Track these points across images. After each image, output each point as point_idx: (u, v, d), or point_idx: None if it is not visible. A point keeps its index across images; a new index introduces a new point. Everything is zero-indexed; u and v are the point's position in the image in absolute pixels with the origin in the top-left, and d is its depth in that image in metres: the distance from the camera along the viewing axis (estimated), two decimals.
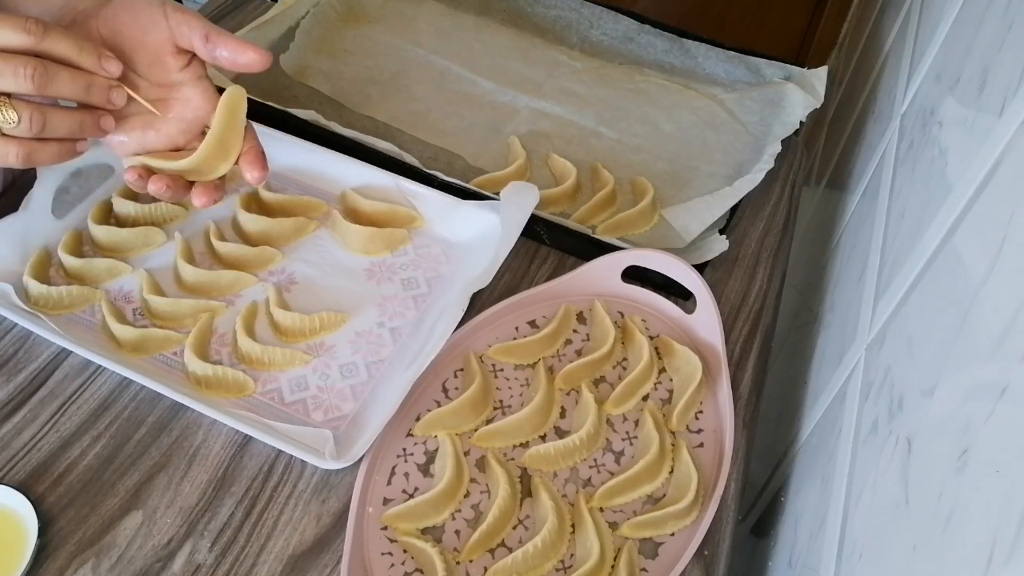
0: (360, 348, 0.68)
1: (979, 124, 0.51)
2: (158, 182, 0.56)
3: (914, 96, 0.72)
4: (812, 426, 0.69)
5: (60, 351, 0.66)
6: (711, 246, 0.76)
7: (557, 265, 0.78)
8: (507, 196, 0.72)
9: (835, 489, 0.56)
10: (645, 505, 0.62)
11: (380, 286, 0.73)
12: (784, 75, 0.93)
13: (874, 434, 0.52)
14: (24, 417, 0.63)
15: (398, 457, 0.63)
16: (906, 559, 0.41)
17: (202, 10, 1.00)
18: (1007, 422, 0.35)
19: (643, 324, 0.72)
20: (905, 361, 0.51)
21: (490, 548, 0.59)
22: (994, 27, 0.55)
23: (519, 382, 0.68)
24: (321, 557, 0.58)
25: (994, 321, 0.39)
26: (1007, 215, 0.41)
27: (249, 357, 0.66)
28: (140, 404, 0.64)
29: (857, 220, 0.79)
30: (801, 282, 0.95)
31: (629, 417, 0.66)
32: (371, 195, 0.77)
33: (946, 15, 0.69)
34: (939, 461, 0.40)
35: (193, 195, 0.58)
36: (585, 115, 0.91)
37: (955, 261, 0.47)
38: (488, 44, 0.98)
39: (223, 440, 0.63)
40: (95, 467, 0.61)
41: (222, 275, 0.71)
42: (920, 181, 0.60)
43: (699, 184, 0.84)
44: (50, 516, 0.58)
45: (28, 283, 0.67)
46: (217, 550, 0.57)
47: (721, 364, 0.68)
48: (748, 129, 0.90)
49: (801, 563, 0.59)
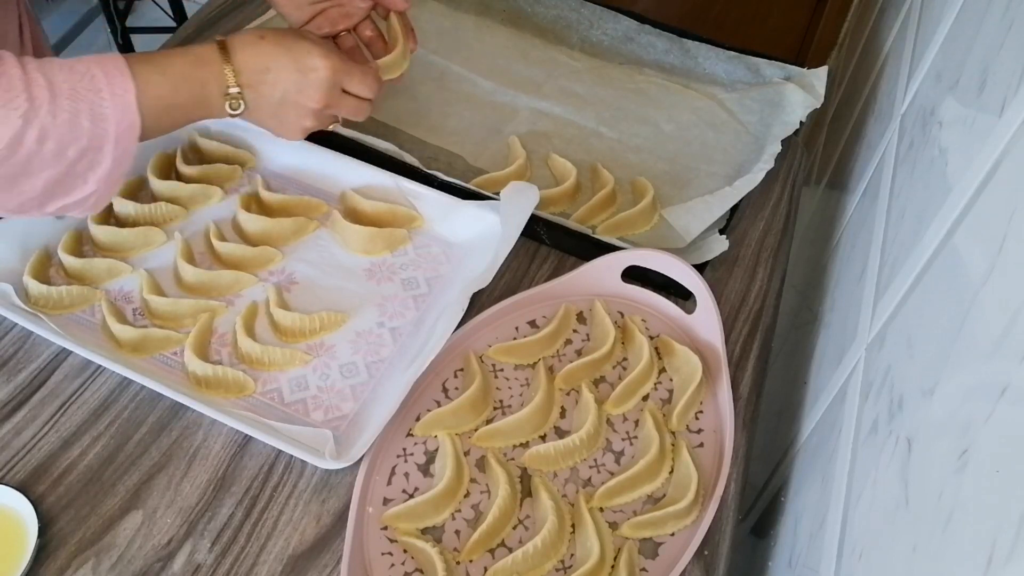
0: (360, 348, 0.68)
1: (979, 124, 0.51)
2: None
3: (914, 96, 0.72)
4: (812, 426, 0.69)
5: (60, 351, 0.66)
6: (711, 246, 0.76)
7: (557, 265, 0.78)
8: (507, 196, 0.72)
9: (835, 489, 0.56)
10: (645, 505, 0.62)
11: (380, 286, 0.73)
12: (784, 75, 0.93)
13: (874, 434, 0.52)
14: (24, 417, 0.63)
15: (398, 457, 0.63)
16: (906, 559, 0.41)
17: (202, 10, 1.00)
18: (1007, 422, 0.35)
19: (643, 324, 0.72)
20: (905, 361, 0.51)
21: (490, 548, 0.59)
22: (994, 27, 0.55)
23: (519, 382, 0.68)
24: (321, 557, 0.58)
25: (994, 321, 0.39)
26: (1007, 215, 0.41)
27: (249, 357, 0.66)
28: (140, 404, 0.64)
29: (857, 220, 0.79)
30: (801, 282, 0.95)
31: (629, 417, 0.66)
32: (371, 195, 0.77)
33: (946, 15, 0.69)
34: (939, 461, 0.40)
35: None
36: (585, 115, 0.91)
37: (955, 261, 0.47)
38: (488, 44, 0.98)
39: (223, 440, 0.63)
40: (95, 467, 0.61)
41: (222, 275, 0.71)
42: (920, 181, 0.60)
43: (699, 184, 0.84)
44: (50, 516, 0.58)
45: (28, 283, 0.67)
46: (217, 550, 0.57)
47: (721, 364, 0.68)
48: (748, 129, 0.90)
49: (801, 563, 0.59)
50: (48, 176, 0.53)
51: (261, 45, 0.61)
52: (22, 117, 0.50)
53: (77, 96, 0.52)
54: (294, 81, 0.61)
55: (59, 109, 0.51)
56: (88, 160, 0.54)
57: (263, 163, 0.81)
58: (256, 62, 0.60)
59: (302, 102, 0.63)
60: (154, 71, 0.56)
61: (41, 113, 0.51)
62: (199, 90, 0.59)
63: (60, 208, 0.56)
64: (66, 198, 0.55)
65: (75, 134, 0.52)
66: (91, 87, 0.53)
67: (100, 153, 0.54)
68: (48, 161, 0.52)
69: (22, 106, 0.50)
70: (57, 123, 0.51)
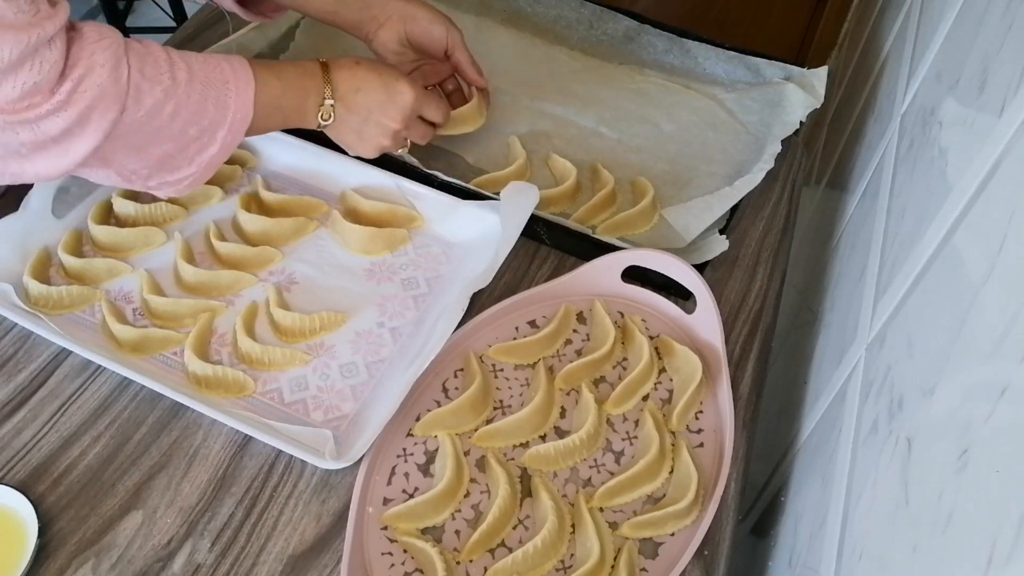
0: (360, 348, 0.68)
1: (979, 124, 0.51)
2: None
3: (914, 96, 0.72)
4: (812, 426, 0.69)
5: (60, 351, 0.66)
6: (711, 246, 0.76)
7: (557, 265, 0.78)
8: (507, 196, 0.72)
9: (835, 489, 0.56)
10: (645, 505, 0.62)
11: (380, 286, 0.73)
12: (784, 75, 0.93)
13: (874, 434, 0.52)
14: (24, 417, 0.63)
15: (398, 457, 0.63)
16: (906, 559, 0.41)
17: (202, 10, 1.00)
18: (1007, 422, 0.35)
19: (643, 324, 0.72)
20: (905, 361, 0.50)
21: (490, 548, 0.59)
22: (994, 27, 0.55)
23: (519, 382, 0.68)
24: (321, 557, 0.58)
25: (994, 321, 0.39)
26: (1007, 215, 0.41)
27: (249, 357, 0.66)
28: (140, 404, 0.64)
29: (857, 220, 0.79)
30: (801, 282, 0.95)
31: (629, 417, 0.66)
32: (371, 195, 0.77)
33: (946, 15, 0.69)
34: (939, 461, 0.40)
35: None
36: (585, 115, 0.91)
37: (955, 261, 0.47)
38: (488, 44, 0.98)
39: (223, 440, 0.63)
40: (95, 467, 0.61)
41: (222, 275, 0.71)
42: (920, 181, 0.60)
43: (699, 184, 0.84)
44: (50, 516, 0.58)
45: (28, 283, 0.67)
46: (217, 550, 0.57)
47: (721, 364, 0.68)
48: (748, 129, 0.90)
49: (801, 563, 0.59)
50: (167, 149, 0.59)
51: (356, 69, 0.68)
52: (164, 91, 0.56)
53: (209, 83, 0.59)
54: (380, 102, 0.68)
55: (193, 91, 0.58)
56: (202, 142, 0.60)
57: (263, 163, 0.81)
58: (351, 82, 0.68)
59: (384, 121, 0.69)
60: (271, 74, 0.63)
61: (179, 91, 0.57)
62: (302, 98, 0.66)
63: (159, 184, 0.61)
64: (170, 175, 0.61)
65: (200, 115, 0.59)
66: (221, 78, 0.60)
67: (213, 137, 0.60)
68: (174, 134, 0.58)
69: (165, 82, 0.56)
70: (190, 102, 0.58)
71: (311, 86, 0.66)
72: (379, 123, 0.69)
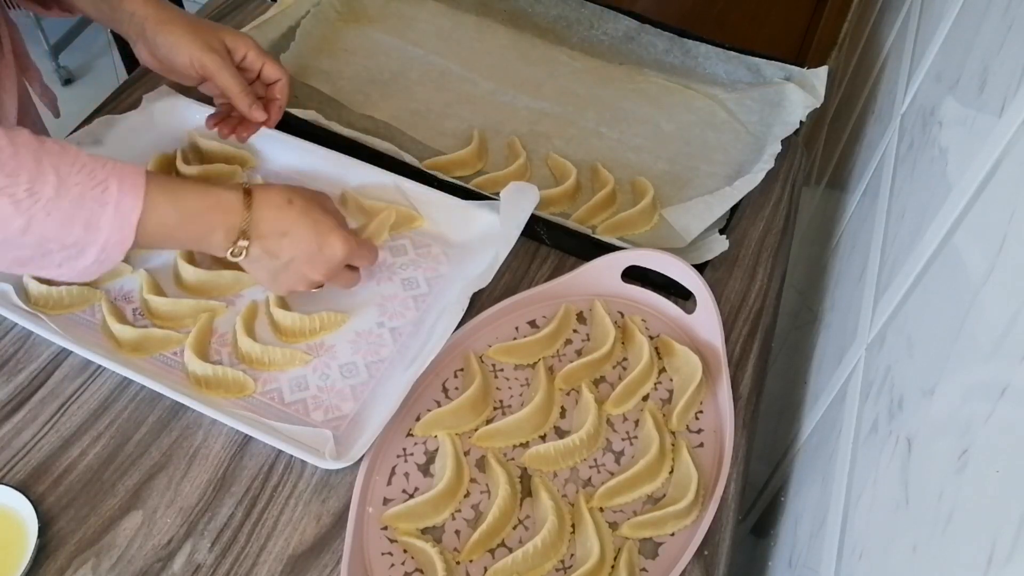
0: (360, 348, 0.68)
1: (979, 124, 0.51)
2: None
3: (914, 96, 0.72)
4: (812, 426, 0.69)
5: (60, 351, 0.66)
6: (711, 246, 0.76)
7: (557, 265, 0.78)
8: (507, 196, 0.72)
9: (835, 489, 0.56)
10: (645, 505, 0.62)
11: (380, 286, 0.73)
12: (784, 75, 0.93)
13: (874, 434, 0.52)
14: (24, 417, 0.63)
15: (398, 457, 0.63)
16: (906, 559, 0.41)
17: (202, 10, 1.00)
18: (1007, 422, 0.35)
19: (643, 324, 0.72)
20: (905, 361, 0.51)
21: (490, 548, 0.59)
22: (994, 27, 0.55)
23: (519, 382, 0.68)
24: (321, 557, 0.58)
25: (994, 321, 0.39)
26: (1007, 215, 0.41)
27: (249, 357, 0.66)
28: (140, 404, 0.64)
29: (857, 220, 0.79)
30: (801, 282, 0.95)
31: (629, 417, 0.66)
32: (371, 195, 0.77)
33: (946, 15, 0.69)
34: (939, 461, 0.40)
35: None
36: (585, 115, 0.91)
37: (955, 261, 0.47)
38: (488, 44, 0.98)
39: (223, 440, 0.63)
40: (95, 467, 0.61)
41: (222, 275, 0.70)
42: (920, 181, 0.60)
43: (699, 184, 0.84)
44: (50, 516, 0.58)
45: (28, 283, 0.67)
46: (217, 550, 0.57)
47: (721, 364, 0.68)
48: (748, 129, 0.90)
49: (801, 563, 0.59)
50: (17, 256, 0.53)
51: (287, 210, 0.61)
52: (14, 204, 0.50)
53: (82, 203, 0.52)
54: (308, 252, 0.62)
55: (57, 209, 0.51)
56: (65, 255, 0.54)
57: (263, 163, 0.81)
58: (277, 224, 0.61)
59: (307, 273, 0.64)
60: (167, 201, 0.56)
61: (36, 208, 0.50)
62: (205, 232, 0.59)
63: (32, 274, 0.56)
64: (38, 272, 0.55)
65: (63, 233, 0.52)
66: (100, 199, 0.53)
67: (82, 254, 0.54)
68: (28, 246, 0.52)
69: (19, 195, 0.50)
70: (48, 220, 0.51)
71: (220, 222, 0.59)
72: (300, 272, 0.63)
